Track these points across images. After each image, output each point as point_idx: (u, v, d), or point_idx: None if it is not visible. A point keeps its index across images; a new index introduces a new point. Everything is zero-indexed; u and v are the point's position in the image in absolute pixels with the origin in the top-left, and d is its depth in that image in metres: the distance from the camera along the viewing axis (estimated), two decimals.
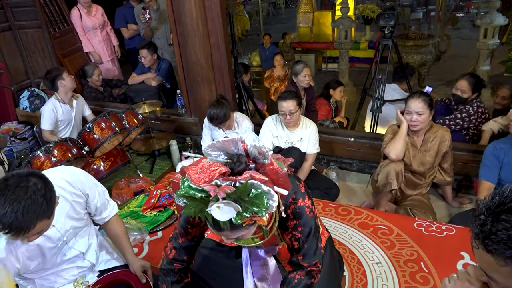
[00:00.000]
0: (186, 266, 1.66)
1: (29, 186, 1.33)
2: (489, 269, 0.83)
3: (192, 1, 3.09)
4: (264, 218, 1.24)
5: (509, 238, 0.76)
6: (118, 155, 3.31)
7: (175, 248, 1.62)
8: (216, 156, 1.32)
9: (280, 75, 5.24)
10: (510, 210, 0.78)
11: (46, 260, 1.61)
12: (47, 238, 1.57)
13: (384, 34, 3.49)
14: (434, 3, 7.92)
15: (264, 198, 1.21)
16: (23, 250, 1.51)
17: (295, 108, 2.76)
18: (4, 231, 1.32)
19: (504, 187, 0.83)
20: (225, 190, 1.19)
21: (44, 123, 3.35)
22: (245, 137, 1.29)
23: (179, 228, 1.60)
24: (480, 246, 0.82)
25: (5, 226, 1.30)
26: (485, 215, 0.81)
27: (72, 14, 4.74)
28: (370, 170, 3.21)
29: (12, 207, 1.28)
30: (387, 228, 2.49)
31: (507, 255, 0.77)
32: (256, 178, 1.22)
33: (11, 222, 1.29)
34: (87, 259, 1.78)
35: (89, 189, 1.72)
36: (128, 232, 2.57)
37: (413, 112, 2.48)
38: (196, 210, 1.23)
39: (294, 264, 1.57)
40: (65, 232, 1.64)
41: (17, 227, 1.30)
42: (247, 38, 9.90)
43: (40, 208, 1.33)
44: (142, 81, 4.41)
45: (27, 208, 1.30)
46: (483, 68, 5.00)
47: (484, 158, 2.41)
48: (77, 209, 1.68)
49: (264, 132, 2.96)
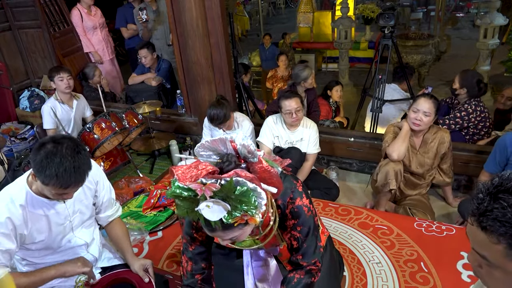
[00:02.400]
0: (208, 274, 1.65)
1: (70, 144, 1.44)
2: (481, 248, 0.84)
3: (192, 1, 3.09)
4: (257, 218, 1.23)
5: (504, 215, 0.78)
6: (118, 155, 3.31)
7: (190, 258, 1.62)
8: (207, 156, 1.33)
9: (283, 75, 5.24)
10: (507, 190, 0.81)
11: (51, 237, 1.64)
12: (57, 212, 1.62)
13: (384, 34, 3.49)
14: (434, 3, 7.91)
15: (252, 196, 1.21)
16: (34, 219, 1.57)
17: (300, 105, 2.77)
18: (64, 186, 1.43)
19: (505, 171, 0.85)
20: (210, 188, 1.19)
21: (46, 123, 3.35)
22: (235, 136, 1.29)
23: (185, 237, 1.60)
24: (475, 223, 0.84)
25: (66, 181, 1.41)
26: (483, 194, 0.83)
27: (72, 14, 4.74)
28: (370, 170, 3.21)
29: (69, 163, 1.40)
30: (387, 228, 2.49)
31: (500, 232, 0.79)
32: (242, 175, 1.22)
33: (70, 176, 1.41)
34: (90, 252, 1.80)
35: (99, 178, 1.79)
36: (128, 232, 2.59)
37: (420, 111, 2.47)
38: (188, 210, 1.24)
39: (294, 263, 1.57)
40: (73, 212, 1.68)
41: (76, 180, 1.44)
42: (247, 38, 9.90)
43: (87, 159, 1.48)
44: (142, 81, 4.41)
45: (79, 161, 1.43)
46: (483, 68, 5.00)
47: (493, 148, 2.44)
48: (87, 193, 1.73)
49: (265, 132, 2.96)
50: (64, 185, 1.43)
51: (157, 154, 3.75)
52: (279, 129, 2.94)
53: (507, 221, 0.78)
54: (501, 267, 0.83)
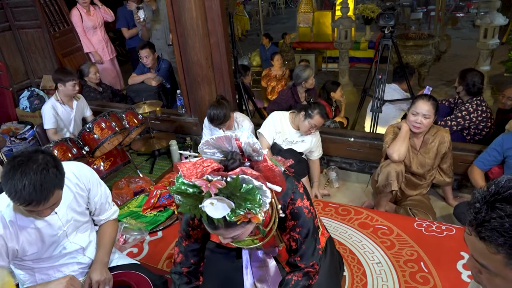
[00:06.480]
0: (194, 269, 1.65)
1: (39, 159, 1.38)
2: (481, 257, 0.84)
3: (192, 1, 3.09)
4: (259, 216, 1.22)
5: (502, 225, 0.78)
6: (118, 155, 3.31)
7: (181, 252, 1.63)
8: (211, 154, 1.32)
9: (277, 74, 5.26)
10: (505, 199, 0.80)
11: (44, 248, 1.61)
12: (49, 224, 1.59)
13: (384, 34, 3.49)
14: (434, 3, 7.92)
15: (257, 194, 1.21)
16: (25, 234, 1.53)
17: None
18: (24, 204, 1.36)
19: (501, 177, 0.84)
20: (216, 185, 1.18)
21: (46, 123, 3.35)
22: (239, 134, 1.29)
23: (182, 232, 1.61)
24: (473, 233, 0.83)
25: (25, 198, 1.35)
26: (480, 203, 0.82)
27: (72, 14, 4.75)
28: (370, 170, 3.21)
29: (29, 180, 1.33)
30: (387, 228, 2.49)
31: (499, 243, 0.78)
32: (248, 173, 1.22)
33: (30, 193, 1.34)
34: (87, 255, 1.78)
35: (92, 185, 1.74)
36: (128, 232, 2.59)
37: (420, 114, 2.46)
38: (191, 207, 1.23)
39: (292, 265, 1.57)
40: (66, 222, 1.65)
41: (37, 198, 1.36)
42: (247, 38, 9.90)
43: (55, 177, 1.40)
44: (142, 81, 4.41)
45: (43, 178, 1.36)
46: (483, 68, 4.99)
47: (489, 145, 2.55)
48: (79, 201, 1.70)
49: (268, 125, 2.93)
50: (24, 203, 1.36)
51: (157, 154, 3.75)
52: (283, 125, 2.93)
53: (505, 231, 0.77)
54: (501, 275, 0.82)
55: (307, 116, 2.78)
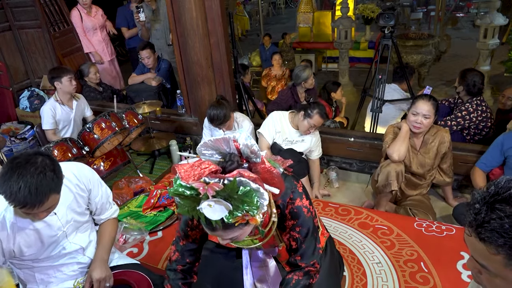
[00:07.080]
0: (189, 268, 1.66)
1: (37, 162, 1.38)
2: (481, 257, 0.84)
3: (192, 1, 3.09)
4: (257, 218, 1.23)
5: (502, 226, 0.78)
6: (118, 155, 3.31)
7: (177, 250, 1.63)
8: (209, 155, 1.32)
9: (277, 74, 5.26)
10: (504, 200, 0.80)
11: (43, 248, 1.61)
12: (48, 225, 1.59)
13: (384, 34, 3.49)
14: (434, 3, 7.92)
15: (254, 196, 1.21)
16: (23, 235, 1.53)
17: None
18: (19, 206, 1.37)
19: (500, 178, 0.84)
20: (213, 187, 1.19)
21: (45, 123, 3.35)
22: (238, 136, 1.29)
23: (180, 231, 1.61)
24: (473, 234, 0.83)
25: (20, 200, 1.35)
26: (480, 204, 0.82)
27: (72, 14, 4.74)
28: (370, 170, 3.21)
29: (25, 182, 1.33)
30: (387, 228, 2.49)
31: (499, 244, 0.78)
32: (245, 175, 1.22)
33: (25, 196, 1.34)
34: (87, 255, 1.78)
35: (92, 185, 1.74)
36: (128, 232, 2.59)
37: (420, 114, 2.46)
38: (189, 209, 1.24)
39: (292, 264, 1.57)
40: (66, 222, 1.65)
41: (31, 201, 1.36)
42: (247, 38, 9.90)
43: (51, 181, 1.39)
44: (142, 81, 4.41)
45: (39, 182, 1.36)
46: (483, 68, 4.99)
47: (490, 146, 2.56)
48: (79, 202, 1.69)
49: (267, 125, 2.93)
50: (18, 205, 1.36)
51: (157, 154, 3.75)
52: (283, 125, 2.93)
53: (505, 232, 0.77)
54: (501, 275, 0.82)
55: (306, 116, 2.78)
